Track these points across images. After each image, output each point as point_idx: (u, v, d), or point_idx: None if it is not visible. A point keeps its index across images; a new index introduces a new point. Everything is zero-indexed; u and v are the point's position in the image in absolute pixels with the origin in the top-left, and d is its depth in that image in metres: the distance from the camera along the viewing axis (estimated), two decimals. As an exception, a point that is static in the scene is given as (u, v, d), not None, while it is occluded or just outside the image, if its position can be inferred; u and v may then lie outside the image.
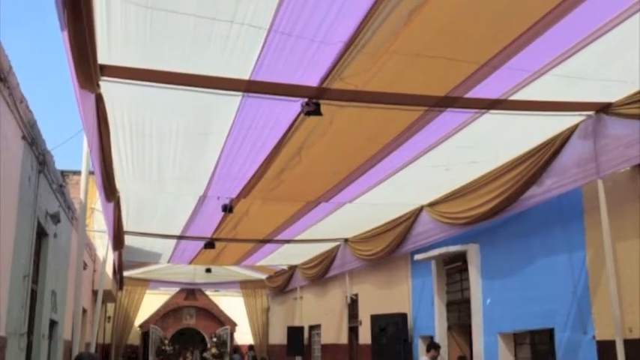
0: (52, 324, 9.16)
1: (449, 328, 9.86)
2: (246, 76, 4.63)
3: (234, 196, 8.20)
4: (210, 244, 11.55)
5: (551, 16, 3.99)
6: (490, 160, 7.05)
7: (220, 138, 5.96)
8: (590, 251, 6.55)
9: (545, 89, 5.02)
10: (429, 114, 5.46)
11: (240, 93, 4.90)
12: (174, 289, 22.30)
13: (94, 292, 14.21)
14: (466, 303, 9.11)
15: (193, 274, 18.47)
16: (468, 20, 4.06)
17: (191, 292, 22.73)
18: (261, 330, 21.59)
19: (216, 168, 6.94)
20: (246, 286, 21.08)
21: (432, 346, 9.20)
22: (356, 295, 13.30)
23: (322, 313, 15.64)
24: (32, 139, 6.31)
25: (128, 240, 11.57)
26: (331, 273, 13.60)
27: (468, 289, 8.99)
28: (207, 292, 22.99)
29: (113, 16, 3.81)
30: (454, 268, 9.63)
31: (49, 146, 6.99)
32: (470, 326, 8.91)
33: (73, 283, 8.92)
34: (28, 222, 6.75)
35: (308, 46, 4.21)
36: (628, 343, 5.68)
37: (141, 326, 22.08)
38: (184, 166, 6.90)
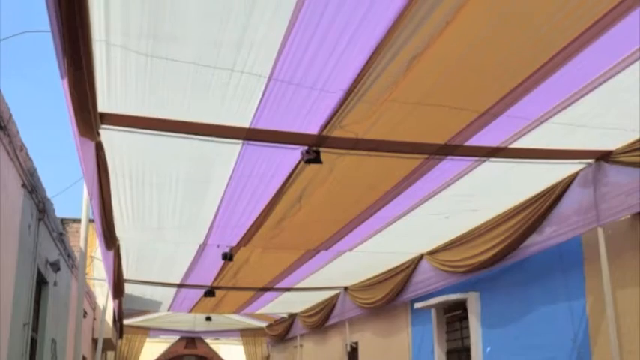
0: (52, 373, 9.00)
1: (449, 376, 9.68)
2: (246, 124, 4.57)
3: (234, 244, 8.11)
4: (210, 293, 11.40)
5: (551, 65, 3.95)
6: (490, 208, 6.98)
7: (220, 186, 5.89)
8: (590, 299, 6.43)
9: (546, 137, 4.96)
10: (429, 162, 5.40)
11: (240, 141, 4.85)
12: (175, 337, 22.04)
13: (94, 340, 14.03)
14: (466, 351, 8.93)
15: (193, 322, 18.28)
16: (468, 69, 4.02)
17: (191, 340, 22.48)
18: (262, 378, 21.30)
19: (216, 216, 6.86)
20: (246, 334, 20.83)
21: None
22: (356, 343, 13.11)
23: (322, 362, 15.41)
24: (32, 187, 6.25)
25: (128, 288, 11.43)
26: (331, 321, 13.42)
27: (468, 337, 8.83)
28: (208, 340, 22.74)
29: (113, 65, 3.76)
30: (454, 316, 9.49)
31: (49, 194, 6.93)
32: (470, 375, 8.74)
33: (73, 331, 8.80)
34: (28, 270, 6.66)
35: (308, 94, 4.16)
36: (630, 392, 5.54)
37: (141, 374, 21.79)
38: (184, 214, 6.83)
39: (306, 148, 4.89)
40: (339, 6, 3.37)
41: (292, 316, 16.45)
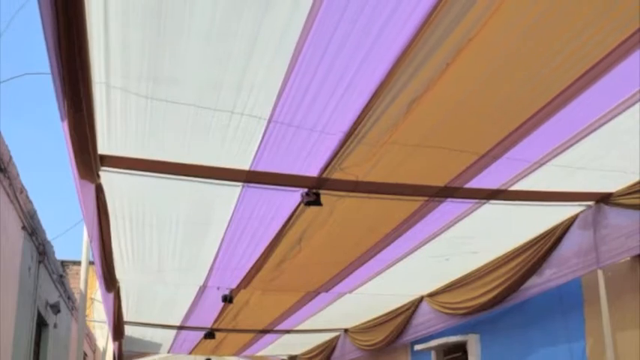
0: (50, 416, 8.85)
1: (450, 420, 9.51)
2: (246, 167, 4.53)
3: (234, 286, 8.02)
4: (210, 335, 11.27)
5: (550, 107, 3.92)
6: (490, 250, 6.91)
7: (220, 228, 5.82)
8: (591, 341, 6.32)
9: (545, 179, 4.91)
10: (429, 204, 5.34)
11: (240, 183, 4.80)
12: (175, 379, 21.78)
13: (94, 383, 13.86)
14: (467, 394, 8.79)
15: (194, 364, 18.08)
16: (467, 111, 3.98)
17: (191, 381, 22.20)
18: (261, 421, 20.95)
19: (216, 258, 6.78)
20: (247, 375, 20.57)
21: None
22: (356, 385, 12.91)
23: (322, 404, 15.16)
24: (32, 229, 6.19)
25: (128, 330, 11.29)
26: (331, 363, 13.25)
27: (469, 379, 8.70)
28: (208, 382, 22.47)
29: (113, 107, 3.71)
30: (454, 359, 9.36)
31: (49, 236, 6.88)
32: (471, 418, 8.58)
33: (72, 374, 8.67)
34: (28, 312, 6.58)
35: (308, 136, 4.12)
36: None
37: (141, 417, 21.44)
38: (184, 256, 6.75)
39: (306, 190, 4.84)
40: (339, 49, 3.34)
41: (293, 358, 16.26)
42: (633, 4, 3.05)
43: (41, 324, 7.54)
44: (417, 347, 9.73)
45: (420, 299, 9.25)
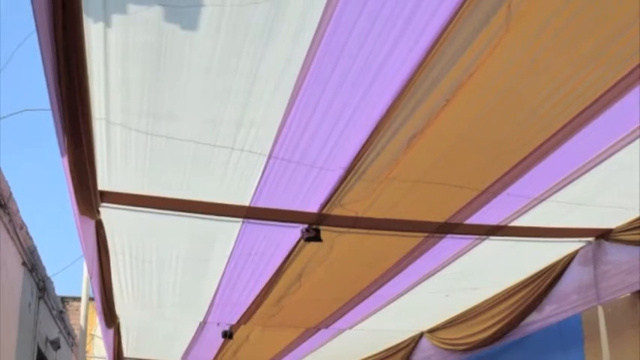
0: None
1: None
2: (246, 203, 4.48)
3: (234, 322, 7.92)
4: (210, 370, 11.14)
5: (550, 143, 3.88)
6: (490, 286, 6.83)
7: (220, 264, 5.76)
8: (592, 378, 6.23)
9: (545, 215, 4.86)
10: (429, 240, 5.28)
11: (240, 219, 4.74)
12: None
13: (93, 419, 13.65)
14: None
15: (193, 399, 17.84)
16: (467, 147, 3.95)
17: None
18: None
19: (216, 294, 6.70)
20: (247, 411, 20.30)
21: None
22: (356, 422, 12.72)
23: None
24: (32, 265, 6.13)
25: (128, 366, 11.17)
26: (331, 399, 13.06)
27: (469, 416, 8.56)
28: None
29: (113, 143, 3.67)
30: (455, 395, 9.22)
31: (49, 272, 6.80)
32: None
33: (71, 411, 8.54)
34: (29, 348, 6.50)
35: (308, 172, 4.07)
36: None
37: None
38: (184, 292, 6.67)
39: (306, 226, 4.79)
40: (339, 85, 3.31)
41: (292, 394, 16.06)
42: (633, 40, 3.02)
43: (41, 360, 7.45)
44: (418, 383, 9.61)
45: (420, 335, 9.14)
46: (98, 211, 4.47)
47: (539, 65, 3.22)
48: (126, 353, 10.11)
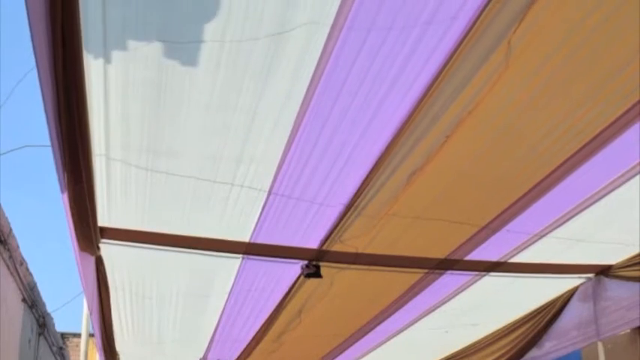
0: None
1: None
2: (246, 239, 4.41)
3: (234, 358, 7.78)
4: (210, 406, 10.97)
5: (550, 179, 3.83)
6: (490, 322, 6.74)
7: (220, 300, 5.67)
8: (592, 415, 6.14)
9: (545, 251, 4.80)
10: (429, 276, 5.21)
11: (240, 255, 4.67)
12: None
13: None
14: None
15: None
16: (467, 183, 3.90)
17: None
18: None
19: (216, 330, 6.60)
20: None
21: None
22: None
23: None
24: (32, 301, 6.04)
25: (128, 402, 10.99)
26: None
27: None
28: None
29: (113, 179, 3.62)
30: None
31: (49, 308, 6.70)
32: None
33: None
34: (27, 385, 6.36)
35: (308, 208, 4.02)
36: None
37: None
38: (184, 328, 6.58)
39: (306, 262, 4.72)
40: (339, 121, 3.27)
41: None
42: (633, 77, 2.98)
43: (41, 396, 7.32)
44: (418, 420, 9.45)
45: (420, 371, 9.03)
46: (98, 248, 4.40)
47: (539, 102, 3.18)
48: (126, 389, 9.98)
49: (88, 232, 4.03)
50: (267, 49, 2.75)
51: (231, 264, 4.84)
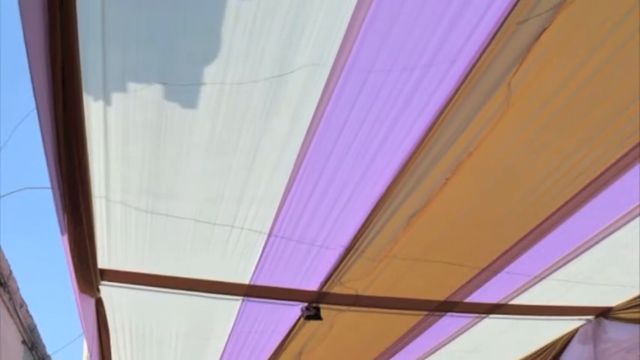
0: None
1: None
2: (246, 281, 4.32)
3: (234, 401, 7.63)
4: None
5: (550, 222, 3.76)
6: (490, 364, 6.60)
7: (220, 342, 5.54)
8: None
9: (545, 293, 4.69)
10: (429, 318, 5.10)
11: (240, 297, 4.57)
12: None
13: None
14: None
15: None
16: (467, 225, 3.82)
17: None
18: None
19: (216, 372, 6.46)
20: None
21: None
22: None
23: None
24: (32, 343, 5.91)
25: None
26: None
27: None
28: None
29: (113, 221, 3.54)
30: None
31: (49, 350, 6.56)
32: None
33: None
34: None
35: (308, 251, 3.93)
36: None
37: None
38: (184, 370, 6.43)
39: (306, 304, 4.62)
40: (339, 163, 3.20)
41: None
42: (633, 119, 2.92)
43: None
44: None
45: (420, 413, 8.84)
46: (98, 290, 4.31)
47: (539, 143, 3.12)
48: None
49: (88, 274, 3.95)
50: (268, 90, 2.69)
51: (231, 306, 4.73)
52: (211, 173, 3.20)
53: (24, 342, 5.48)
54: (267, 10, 2.37)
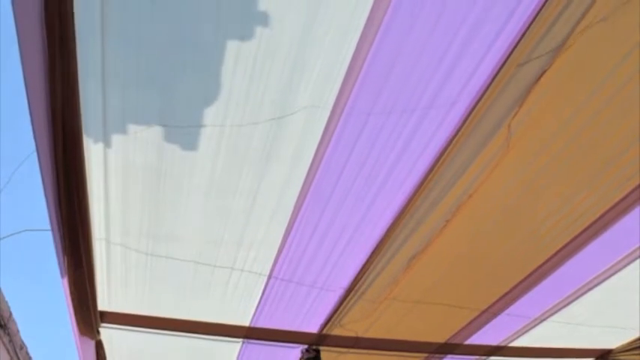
0: None
1: None
2: (246, 323, 4.20)
3: None
4: None
5: (550, 264, 3.66)
6: (490, 406, 6.43)
7: (221, 384, 5.40)
8: None
9: (545, 336, 4.57)
10: (429, 360, 4.96)
11: (240, 339, 4.45)
12: None
13: None
14: None
15: None
16: (467, 267, 3.72)
17: None
18: None
19: (216, 414, 6.29)
20: None
21: None
22: None
23: None
24: (32, 385, 5.74)
25: None
26: None
27: None
28: None
29: (113, 263, 3.44)
30: None
31: (50, 392, 6.38)
32: None
33: None
34: None
35: (308, 293, 3.82)
36: None
37: None
38: (185, 412, 6.26)
39: (306, 346, 4.50)
40: (339, 205, 3.11)
41: None
42: (633, 162, 2.84)
43: None
44: None
45: None
46: (98, 332, 4.19)
47: (539, 186, 3.04)
48: None
49: (89, 316, 3.84)
50: (268, 132, 2.62)
51: (231, 348, 4.60)
52: (211, 215, 3.11)
53: (24, 384, 5.34)
54: (268, 52, 2.31)
